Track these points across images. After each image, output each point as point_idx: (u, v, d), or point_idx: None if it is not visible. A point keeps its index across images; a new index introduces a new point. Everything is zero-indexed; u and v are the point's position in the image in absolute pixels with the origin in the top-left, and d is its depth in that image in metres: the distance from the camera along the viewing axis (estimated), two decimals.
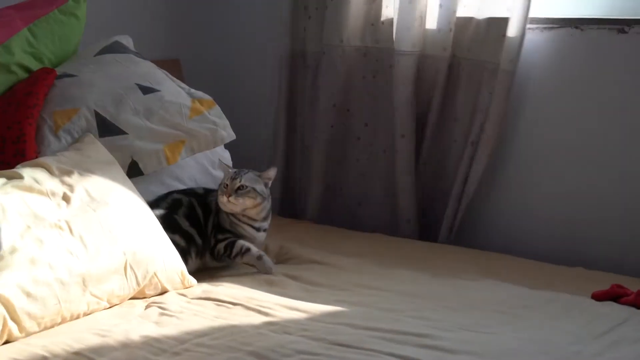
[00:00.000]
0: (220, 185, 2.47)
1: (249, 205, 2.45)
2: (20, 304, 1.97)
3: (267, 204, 2.51)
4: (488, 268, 2.57)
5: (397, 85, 2.97)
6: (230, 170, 2.48)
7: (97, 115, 2.51)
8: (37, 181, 2.15)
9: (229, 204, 2.43)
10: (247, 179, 2.44)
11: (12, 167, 2.23)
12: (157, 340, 1.98)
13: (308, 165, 3.19)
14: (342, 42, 3.06)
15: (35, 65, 2.59)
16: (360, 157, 3.12)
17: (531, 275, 2.51)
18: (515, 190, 2.93)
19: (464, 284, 2.39)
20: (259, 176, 2.47)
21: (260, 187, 2.46)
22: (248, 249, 2.45)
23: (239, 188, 2.41)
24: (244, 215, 2.49)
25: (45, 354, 1.91)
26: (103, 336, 2.00)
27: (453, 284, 2.39)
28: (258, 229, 2.52)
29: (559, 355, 1.90)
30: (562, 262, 2.64)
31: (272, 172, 2.50)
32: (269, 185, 2.51)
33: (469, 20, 2.87)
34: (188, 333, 2.02)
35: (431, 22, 2.94)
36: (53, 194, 2.15)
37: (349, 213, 3.14)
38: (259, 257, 2.46)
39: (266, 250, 2.59)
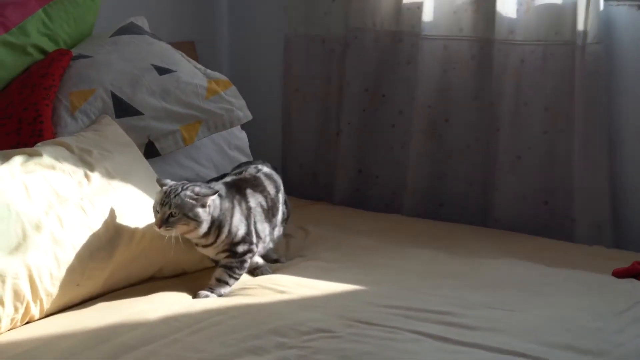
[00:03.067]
0: (153, 207, 2.13)
1: (184, 231, 2.12)
2: (44, 284, 1.97)
3: (206, 224, 2.13)
4: (505, 247, 2.55)
5: (443, 72, 2.88)
6: (162, 189, 2.12)
7: (114, 96, 2.50)
8: (57, 160, 2.15)
9: (162, 233, 2.10)
10: (177, 204, 2.07)
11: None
12: (174, 319, 1.99)
13: (336, 149, 3.12)
14: (375, 26, 2.99)
15: (50, 47, 2.58)
16: (395, 145, 3.04)
17: (549, 253, 2.50)
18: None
19: (482, 262, 2.37)
20: (197, 195, 2.10)
21: (193, 211, 2.09)
22: None
23: (170, 216, 2.08)
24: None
25: (65, 333, 1.92)
26: (120, 316, 2.00)
27: (472, 263, 2.37)
28: (204, 246, 2.21)
29: (580, 332, 1.88)
30: None
31: (208, 199, 2.11)
32: (208, 204, 2.12)
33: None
34: (205, 312, 2.02)
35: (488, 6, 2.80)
36: (74, 172, 2.15)
37: (383, 201, 3.07)
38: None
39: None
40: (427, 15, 2.86)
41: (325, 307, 2.02)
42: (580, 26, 2.65)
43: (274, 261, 2.42)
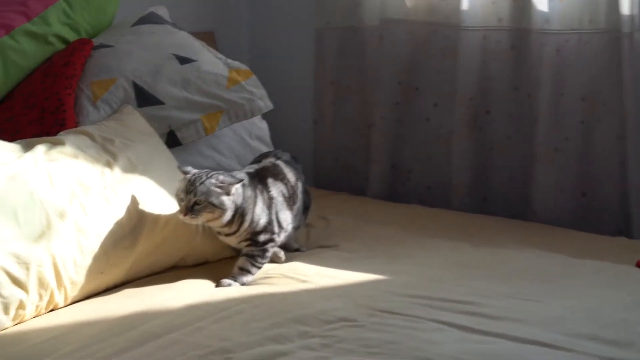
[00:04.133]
0: (176, 194, 2.14)
1: (208, 219, 2.13)
2: (68, 272, 1.98)
3: (230, 212, 2.14)
4: (526, 238, 2.54)
5: (482, 63, 2.85)
6: (186, 177, 2.13)
7: (135, 86, 2.51)
8: (80, 148, 2.16)
9: (187, 221, 2.12)
10: (202, 192, 2.09)
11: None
12: (197, 307, 1.99)
13: (368, 142, 3.10)
14: (409, 17, 2.96)
15: (72, 36, 2.59)
16: (430, 139, 3.01)
17: (571, 245, 2.48)
18: None
19: (504, 253, 2.36)
20: (222, 183, 2.12)
21: (218, 199, 2.10)
22: None
23: (195, 204, 2.09)
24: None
25: (89, 320, 1.93)
26: (144, 304, 2.01)
27: (493, 253, 2.36)
28: (227, 235, 2.22)
29: (605, 323, 1.87)
30: None
31: (232, 187, 2.13)
32: (232, 193, 2.13)
33: None
34: (228, 300, 2.02)
35: None
36: (97, 161, 2.16)
37: (417, 196, 3.04)
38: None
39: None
40: (465, 5, 2.82)
41: (347, 297, 2.01)
42: (625, 10, 2.59)
43: (295, 250, 2.42)
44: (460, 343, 1.74)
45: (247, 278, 2.17)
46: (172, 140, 2.50)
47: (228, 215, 2.13)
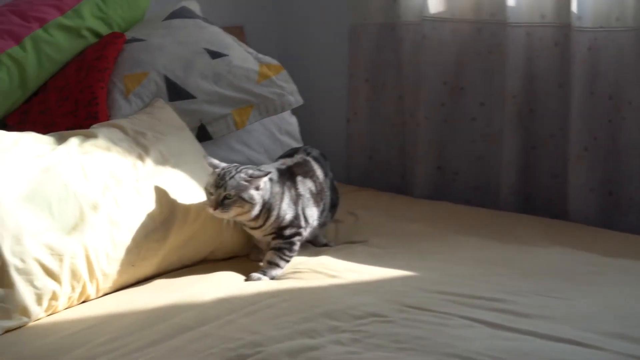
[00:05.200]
0: (205, 188, 2.16)
1: (238, 213, 2.14)
2: (100, 264, 2.00)
3: (259, 207, 2.16)
4: (556, 236, 2.53)
5: (526, 60, 2.82)
6: (215, 171, 2.15)
7: (167, 80, 2.53)
8: (113, 141, 2.18)
9: (217, 215, 2.14)
10: (232, 186, 2.10)
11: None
12: (227, 301, 2.00)
13: (413, 143, 3.06)
14: (453, 16, 2.92)
15: (104, 30, 2.61)
16: (476, 139, 2.98)
17: (601, 243, 2.47)
18: None
19: (533, 251, 2.36)
20: (250, 177, 2.13)
21: (248, 193, 2.12)
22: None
23: (225, 198, 2.11)
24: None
25: (121, 312, 1.95)
26: (174, 296, 2.02)
27: (522, 251, 2.36)
28: (252, 228, 2.24)
29: (634, 321, 1.86)
30: None
31: (260, 181, 2.14)
32: (261, 187, 2.15)
33: None
34: (258, 294, 2.03)
35: None
36: (129, 154, 2.18)
37: (463, 196, 3.01)
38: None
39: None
40: (511, 2, 2.79)
41: (376, 292, 2.02)
42: None
43: (323, 245, 2.43)
44: (490, 340, 1.74)
45: (276, 272, 2.18)
46: (202, 135, 2.52)
47: (256, 209, 2.15)
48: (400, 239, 2.45)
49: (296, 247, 2.25)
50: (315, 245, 2.41)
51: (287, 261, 2.22)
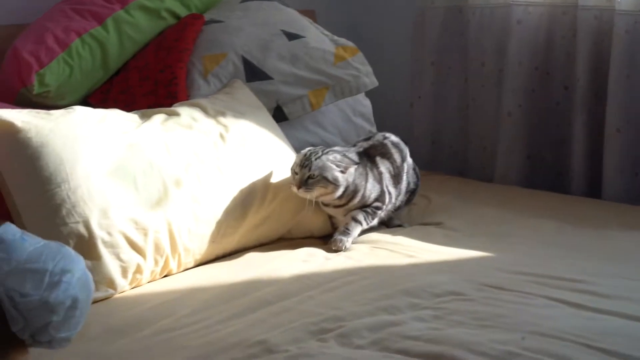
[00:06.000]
0: (291, 168, 2.22)
1: (321, 193, 2.19)
2: (182, 239, 2.04)
3: (342, 189, 2.20)
4: (630, 220, 2.50)
5: (592, 45, 2.77)
6: (302, 151, 2.21)
7: (244, 61, 2.55)
8: (194, 120, 2.22)
9: (300, 194, 2.18)
10: (318, 166, 2.15)
11: None
12: (306, 277, 2.03)
13: (496, 130, 3.01)
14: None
15: (183, 12, 2.64)
16: (561, 123, 2.93)
17: None
18: None
19: (609, 234, 2.33)
20: (340, 162, 2.18)
21: (333, 174, 2.16)
22: None
23: (309, 178, 2.16)
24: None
25: (202, 286, 2.00)
26: (254, 272, 2.06)
27: (598, 235, 2.33)
28: (335, 207, 2.27)
29: None
30: None
31: (350, 168, 2.20)
32: (348, 171, 2.20)
33: None
34: (336, 272, 2.06)
35: None
36: (210, 132, 2.21)
37: (550, 183, 2.97)
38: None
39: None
40: None
41: (454, 272, 2.02)
42: None
43: (397, 226, 2.44)
44: (574, 319, 1.74)
45: (356, 229, 2.23)
46: (278, 115, 2.54)
47: (340, 191, 2.19)
48: (474, 222, 2.44)
49: (378, 213, 2.29)
50: (388, 226, 2.42)
51: (368, 224, 2.27)
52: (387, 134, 2.43)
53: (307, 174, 2.15)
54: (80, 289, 1.42)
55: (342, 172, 2.18)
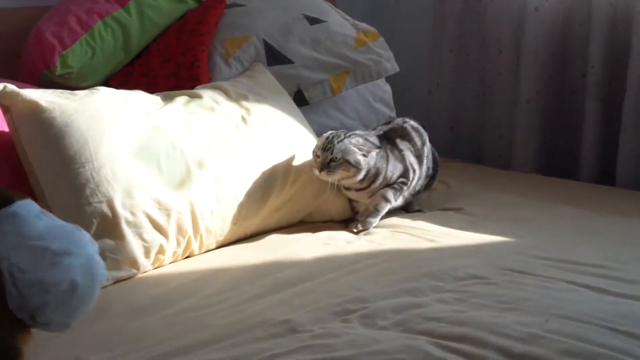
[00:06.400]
0: (313, 151, 2.22)
1: (343, 177, 2.19)
2: (204, 220, 2.05)
3: (364, 172, 2.21)
4: None
5: (608, 30, 2.76)
6: (325, 135, 2.22)
7: (266, 44, 2.56)
8: (217, 102, 2.22)
9: (322, 177, 2.19)
10: (340, 149, 2.16)
11: None
12: (328, 259, 2.03)
13: (513, 118, 3.02)
14: None
15: None
16: (575, 111, 2.93)
17: None
18: None
19: (632, 221, 2.32)
20: (362, 146, 2.19)
21: (355, 157, 2.17)
22: None
23: (330, 161, 2.16)
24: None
25: (225, 267, 2.00)
26: (275, 254, 2.06)
27: (621, 221, 2.33)
28: (357, 190, 2.28)
29: None
30: None
31: (372, 152, 2.21)
32: (370, 154, 2.21)
33: None
34: (358, 254, 2.06)
35: None
36: (232, 115, 2.21)
37: (563, 170, 2.97)
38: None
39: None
40: None
41: (476, 256, 2.02)
42: None
43: (416, 212, 2.45)
44: (598, 303, 1.73)
45: (385, 208, 2.26)
46: (299, 99, 2.54)
47: (362, 174, 2.20)
48: (495, 207, 2.44)
49: (403, 189, 2.31)
50: (407, 211, 2.42)
51: (395, 200, 2.29)
52: (407, 119, 2.44)
53: (329, 157, 2.16)
54: (82, 274, 1.36)
55: (364, 155, 2.19)
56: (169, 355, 1.58)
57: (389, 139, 2.33)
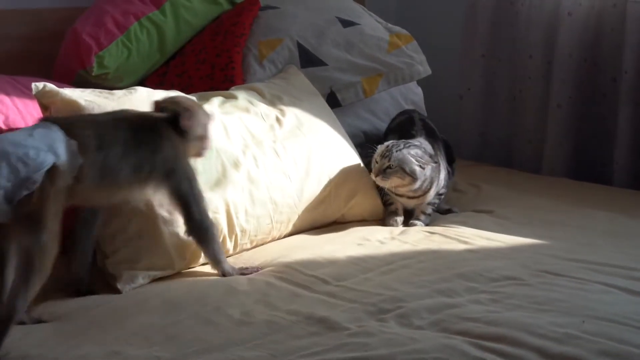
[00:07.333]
0: (373, 157, 2.30)
1: (397, 184, 2.27)
2: (239, 220, 2.06)
3: (420, 182, 2.28)
4: None
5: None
6: (385, 143, 2.30)
7: (300, 46, 2.58)
8: (252, 103, 2.24)
9: (378, 182, 2.28)
10: (398, 158, 2.24)
11: None
12: (362, 260, 2.05)
13: (543, 122, 3.01)
14: None
15: None
16: (607, 116, 2.92)
17: None
18: None
19: None
20: (420, 158, 2.26)
21: (411, 167, 2.24)
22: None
23: (387, 167, 2.25)
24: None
25: (258, 265, 2.02)
26: (309, 253, 2.08)
27: None
28: (409, 197, 2.33)
29: None
30: None
31: (428, 166, 2.27)
32: (427, 166, 2.27)
33: None
34: (393, 255, 2.08)
35: None
36: (266, 116, 2.23)
37: (594, 174, 2.96)
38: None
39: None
40: None
41: (509, 258, 2.04)
42: None
43: (446, 211, 2.46)
44: (632, 305, 1.74)
45: (427, 220, 2.35)
46: (331, 101, 2.56)
47: (417, 184, 2.27)
48: (526, 211, 2.45)
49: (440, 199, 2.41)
50: (438, 212, 2.44)
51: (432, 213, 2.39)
52: (412, 112, 2.56)
53: (386, 164, 2.24)
54: (11, 146, 1.69)
55: (420, 167, 2.26)
56: (206, 351, 1.60)
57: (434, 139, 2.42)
